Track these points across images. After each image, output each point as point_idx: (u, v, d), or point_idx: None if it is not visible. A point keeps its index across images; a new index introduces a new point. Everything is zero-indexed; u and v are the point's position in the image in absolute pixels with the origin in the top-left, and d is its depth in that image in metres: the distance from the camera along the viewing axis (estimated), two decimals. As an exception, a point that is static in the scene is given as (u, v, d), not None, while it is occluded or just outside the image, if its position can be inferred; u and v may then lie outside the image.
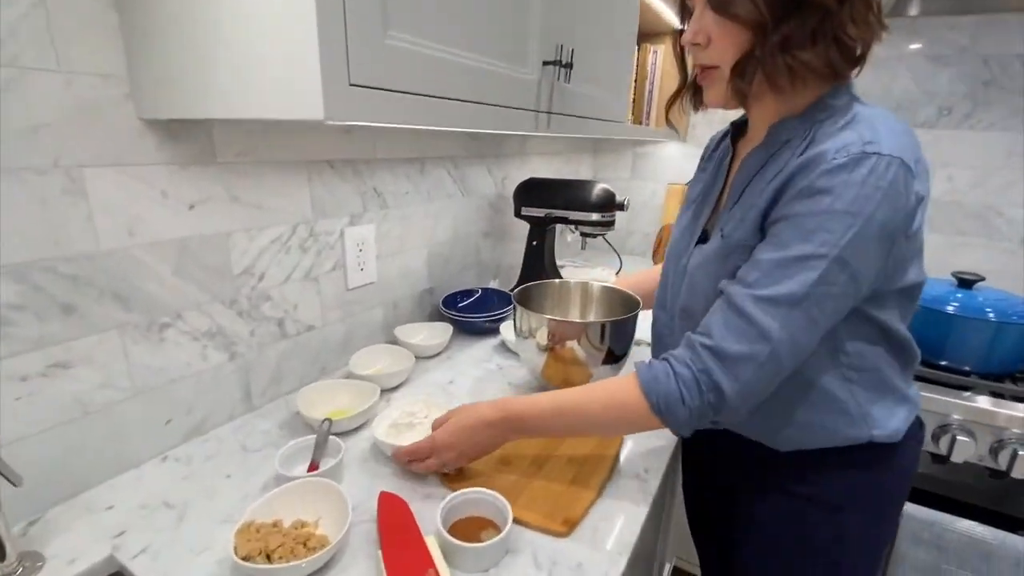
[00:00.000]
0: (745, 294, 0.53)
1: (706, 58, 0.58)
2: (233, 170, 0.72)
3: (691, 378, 0.54)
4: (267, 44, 0.45)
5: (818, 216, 0.50)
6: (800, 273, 0.50)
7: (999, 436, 0.92)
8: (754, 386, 0.53)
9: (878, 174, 0.48)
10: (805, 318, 0.51)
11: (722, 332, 0.53)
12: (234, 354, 0.77)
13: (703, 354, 0.54)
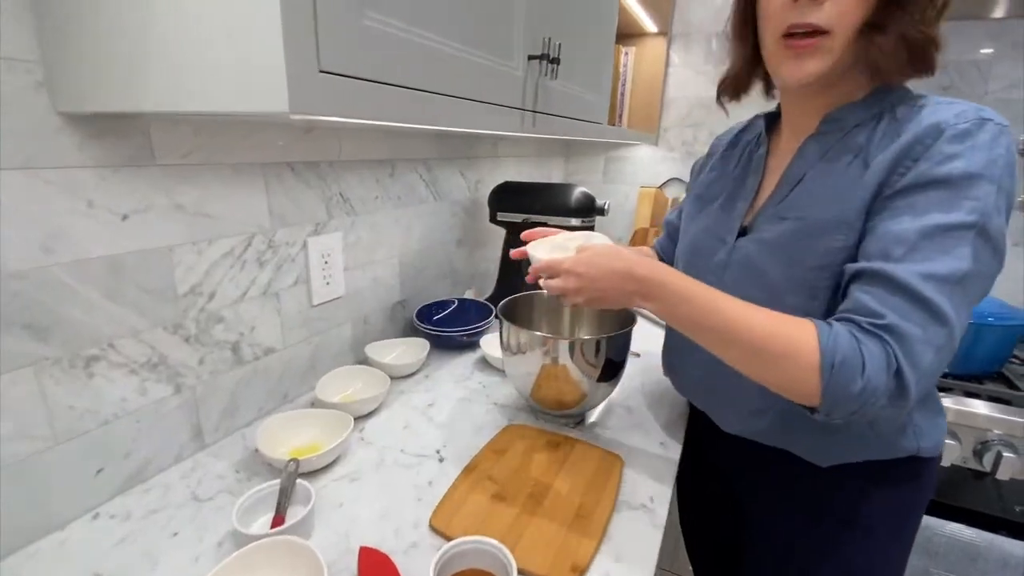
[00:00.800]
0: (908, 270, 0.45)
1: (821, 17, 0.49)
2: (177, 174, 0.62)
3: (879, 352, 0.45)
4: (217, 20, 0.37)
5: (956, 181, 0.46)
6: (956, 246, 0.45)
7: (982, 438, 0.93)
8: (930, 377, 0.47)
9: (998, 139, 0.47)
10: (967, 300, 0.46)
11: (895, 310, 0.45)
12: (180, 386, 0.67)
13: (884, 335, 0.45)
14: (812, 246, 0.54)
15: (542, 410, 0.80)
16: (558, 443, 0.73)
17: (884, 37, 0.49)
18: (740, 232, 0.64)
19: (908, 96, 0.54)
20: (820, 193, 0.55)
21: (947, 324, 0.45)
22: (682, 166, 1.75)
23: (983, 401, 0.95)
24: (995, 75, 1.34)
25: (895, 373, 0.45)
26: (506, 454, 0.70)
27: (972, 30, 1.33)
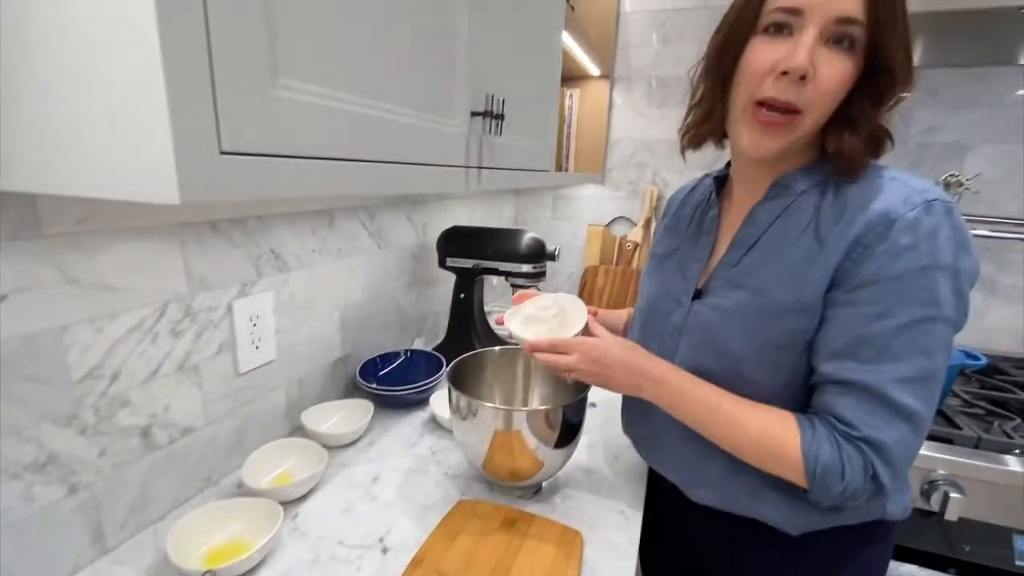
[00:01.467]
0: (880, 377, 0.49)
1: (800, 98, 0.50)
2: (69, 243, 0.54)
3: (857, 461, 0.50)
4: (95, 99, 0.31)
5: (912, 276, 0.48)
6: (921, 340, 0.48)
7: (929, 478, 0.95)
8: (905, 468, 0.52)
9: (943, 222, 0.48)
10: (937, 385, 0.50)
11: (867, 421, 0.50)
12: (75, 486, 0.57)
13: (860, 445, 0.50)
14: (773, 325, 0.54)
15: (496, 482, 0.75)
16: (514, 520, 0.67)
17: (855, 136, 0.51)
18: (696, 294, 0.63)
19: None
20: (776, 268, 0.55)
21: (915, 420, 0.49)
22: (628, 205, 1.77)
23: (927, 440, 0.97)
24: (915, 120, 1.44)
25: (872, 477, 0.50)
26: (457, 539, 0.64)
27: (888, 80, 1.43)
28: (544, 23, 0.95)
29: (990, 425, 1.02)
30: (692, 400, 0.58)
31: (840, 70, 0.49)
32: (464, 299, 1.20)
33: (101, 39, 0.30)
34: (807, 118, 0.51)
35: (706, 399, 0.57)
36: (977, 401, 1.11)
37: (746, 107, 0.54)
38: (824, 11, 0.48)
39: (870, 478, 0.50)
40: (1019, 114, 1.34)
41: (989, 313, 1.45)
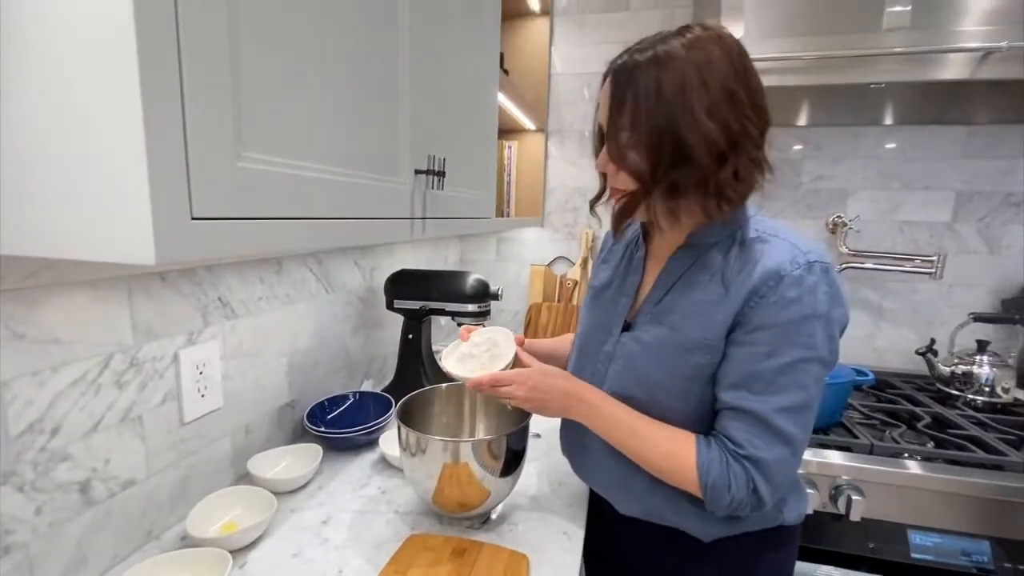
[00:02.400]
0: (765, 406, 0.59)
1: (615, 183, 0.66)
2: (19, 299, 0.55)
3: (742, 477, 0.59)
4: (80, 173, 0.36)
5: (796, 324, 0.58)
6: (800, 377, 0.58)
7: (834, 483, 1.06)
8: (783, 484, 0.61)
9: (822, 279, 0.58)
10: (811, 415, 0.61)
11: (753, 442, 0.59)
12: (8, 547, 0.56)
13: (744, 463, 0.59)
14: (685, 360, 0.63)
15: (445, 514, 0.78)
16: (464, 549, 0.71)
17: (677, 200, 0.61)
18: (625, 326, 0.71)
19: (751, 222, 0.65)
20: (688, 309, 0.64)
21: (792, 443, 0.60)
22: (566, 246, 1.89)
23: (831, 450, 1.09)
24: (805, 171, 1.65)
25: (753, 490, 0.59)
26: (408, 572, 0.66)
27: (785, 135, 1.64)
28: (480, 89, 1.05)
29: (883, 433, 1.16)
30: (612, 421, 0.66)
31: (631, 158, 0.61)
32: (412, 340, 1.23)
33: (88, 124, 0.35)
34: (638, 194, 0.63)
35: (625, 420, 0.65)
36: (873, 413, 1.26)
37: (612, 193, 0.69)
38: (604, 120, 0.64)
39: (752, 491, 0.59)
40: (887, 165, 1.59)
41: (878, 335, 1.65)
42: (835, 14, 1.09)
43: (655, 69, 0.57)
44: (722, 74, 0.57)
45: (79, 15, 0.33)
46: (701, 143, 0.56)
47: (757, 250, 0.61)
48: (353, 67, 0.59)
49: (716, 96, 0.56)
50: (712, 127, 0.56)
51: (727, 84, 0.57)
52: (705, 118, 0.56)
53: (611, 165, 0.64)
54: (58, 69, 0.35)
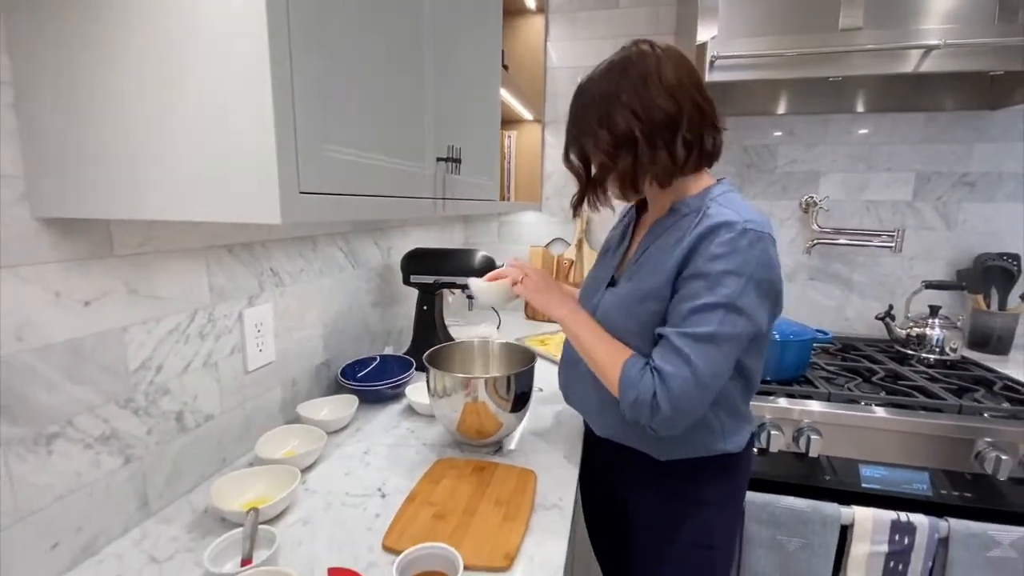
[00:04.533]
0: (673, 332, 0.71)
1: None
2: (132, 262, 0.70)
3: (648, 382, 0.71)
4: (232, 163, 0.50)
5: (718, 275, 0.69)
6: (710, 316, 0.69)
7: (797, 427, 1.22)
8: (681, 400, 0.69)
9: (754, 244, 0.69)
10: (716, 350, 0.69)
11: (660, 358, 0.71)
12: (129, 457, 0.71)
13: (652, 371, 0.72)
14: (641, 308, 0.77)
15: (467, 442, 0.94)
16: (483, 468, 0.87)
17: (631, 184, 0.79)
18: (611, 282, 0.87)
19: (719, 196, 0.77)
20: (649, 266, 0.79)
21: (693, 368, 0.69)
22: (563, 228, 2.04)
23: (795, 399, 1.26)
24: (780, 155, 1.80)
25: (653, 395, 0.70)
26: (440, 482, 0.82)
27: (763, 123, 1.79)
28: (486, 85, 1.19)
29: (841, 385, 1.33)
30: (586, 327, 0.81)
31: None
32: (427, 310, 1.39)
33: (238, 134, 0.50)
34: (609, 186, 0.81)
35: (589, 327, 0.81)
36: (834, 370, 1.43)
37: None
38: None
39: (652, 396, 0.70)
40: (855, 149, 1.74)
41: (848, 305, 1.82)
42: (796, 16, 1.24)
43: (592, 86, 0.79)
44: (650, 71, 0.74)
45: (234, 57, 0.48)
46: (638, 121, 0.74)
47: (711, 217, 0.74)
48: (394, 77, 0.73)
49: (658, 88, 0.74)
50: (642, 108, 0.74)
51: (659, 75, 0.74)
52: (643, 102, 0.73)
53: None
54: (223, 96, 0.49)
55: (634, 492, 0.89)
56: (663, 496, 0.84)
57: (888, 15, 1.22)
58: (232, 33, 0.48)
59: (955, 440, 1.16)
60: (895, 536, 1.15)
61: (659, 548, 0.85)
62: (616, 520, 0.94)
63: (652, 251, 0.81)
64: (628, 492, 0.90)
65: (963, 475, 1.17)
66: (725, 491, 0.86)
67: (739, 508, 0.89)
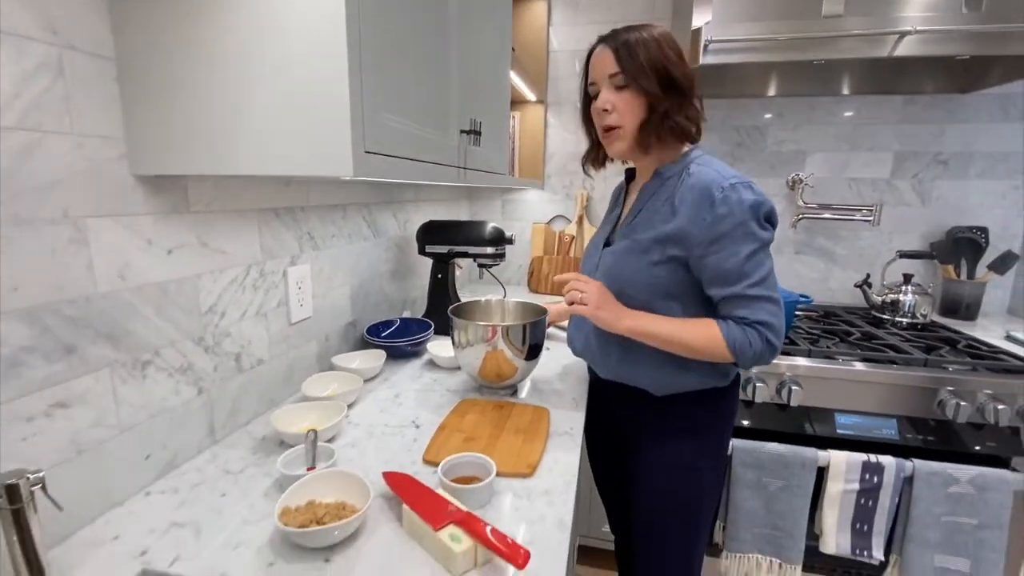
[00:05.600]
0: (743, 287, 0.81)
1: (612, 120, 0.88)
2: (202, 219, 0.80)
3: (757, 337, 0.81)
4: (305, 120, 0.61)
5: (735, 228, 0.80)
6: (759, 261, 0.81)
7: (780, 380, 1.35)
8: (779, 328, 0.83)
9: (743, 193, 0.80)
10: (774, 279, 0.83)
11: (750, 311, 0.82)
12: (201, 389, 0.82)
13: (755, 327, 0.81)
14: (641, 258, 0.88)
15: (487, 385, 1.06)
16: (502, 406, 0.99)
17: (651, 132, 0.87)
18: (607, 243, 0.98)
19: (696, 158, 0.89)
20: (646, 222, 0.90)
21: (775, 301, 0.82)
22: (563, 206, 2.15)
23: (781, 355, 1.38)
24: (770, 135, 1.91)
25: (766, 340, 0.82)
26: (466, 416, 0.94)
27: (754, 105, 1.90)
28: (497, 65, 1.29)
29: (820, 344, 1.46)
30: (660, 324, 0.86)
31: (626, 99, 0.86)
32: (440, 278, 1.49)
33: (323, 106, 0.60)
34: (626, 128, 0.88)
35: (663, 331, 0.86)
36: (815, 331, 1.56)
37: (601, 135, 0.92)
38: (602, 76, 0.88)
39: (766, 341, 0.81)
40: (839, 130, 1.85)
41: (831, 277, 1.95)
42: (784, 2, 1.34)
43: (642, 38, 0.85)
44: (675, 45, 0.86)
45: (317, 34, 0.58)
46: (681, 77, 0.85)
47: (694, 177, 0.85)
48: (428, 54, 0.83)
49: (676, 56, 0.86)
50: (683, 69, 0.85)
51: (678, 51, 0.86)
52: (678, 63, 0.85)
53: (610, 103, 0.87)
54: (306, 69, 0.59)
55: (633, 424, 1.01)
56: (658, 425, 0.96)
57: (866, 4, 1.32)
58: (316, 11, 0.58)
59: (920, 390, 1.29)
60: (866, 475, 1.29)
61: (655, 471, 0.97)
62: (617, 450, 1.07)
63: (644, 212, 0.92)
64: (628, 424, 1.02)
65: (927, 421, 1.31)
66: (711, 420, 0.97)
67: (724, 436, 1.00)
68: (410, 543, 0.63)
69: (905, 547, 1.29)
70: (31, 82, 0.56)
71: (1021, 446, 1.26)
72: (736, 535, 1.38)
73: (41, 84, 0.57)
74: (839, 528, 1.32)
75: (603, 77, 0.88)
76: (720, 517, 1.41)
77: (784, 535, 1.35)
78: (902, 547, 1.30)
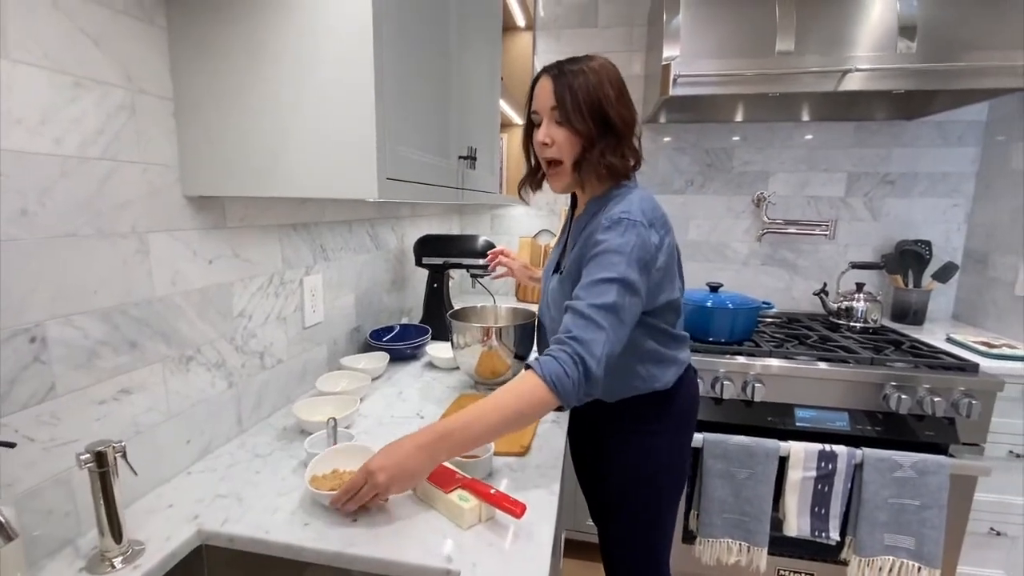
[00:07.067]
0: (583, 304, 0.80)
1: (552, 153, 0.91)
2: (236, 233, 0.92)
3: (567, 358, 0.75)
4: (338, 153, 0.74)
5: (605, 254, 0.82)
6: (608, 289, 0.80)
7: (744, 379, 1.50)
8: (603, 359, 0.77)
9: (629, 230, 0.82)
10: (616, 318, 0.80)
11: (577, 329, 0.78)
12: (232, 383, 0.93)
13: (570, 344, 0.77)
14: (568, 288, 0.95)
15: (482, 382, 1.18)
16: (496, 399, 1.11)
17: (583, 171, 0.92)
18: (556, 269, 1.07)
19: (622, 193, 0.91)
20: (578, 253, 0.95)
21: (603, 329, 0.78)
22: (548, 221, 2.29)
23: (744, 356, 1.53)
24: (736, 157, 2.09)
25: (580, 362, 0.75)
26: (466, 406, 1.06)
27: (723, 129, 2.07)
28: (490, 94, 1.44)
29: (781, 346, 1.61)
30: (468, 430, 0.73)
31: (563, 135, 0.88)
32: (436, 288, 1.62)
33: (353, 143, 0.73)
34: (564, 165, 0.91)
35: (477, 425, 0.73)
36: (777, 335, 1.71)
37: (545, 167, 0.97)
38: (544, 108, 0.90)
39: (579, 363, 0.74)
40: (798, 152, 2.04)
41: (794, 287, 2.12)
42: (743, 41, 1.52)
43: (583, 74, 0.87)
44: (616, 80, 0.90)
45: (350, 98, 0.71)
46: (617, 118, 0.88)
47: (608, 210, 0.87)
48: (433, 92, 0.97)
49: (616, 94, 0.89)
50: (619, 110, 0.89)
51: (619, 87, 0.90)
52: (616, 103, 0.88)
53: (550, 137, 0.88)
54: (337, 115, 0.73)
55: (599, 424, 1.09)
56: (619, 430, 1.05)
57: (815, 42, 1.50)
58: (348, 62, 0.71)
59: (869, 385, 1.45)
60: (821, 463, 1.43)
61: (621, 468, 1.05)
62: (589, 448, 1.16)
63: (578, 244, 0.95)
64: (595, 425, 1.10)
65: (875, 413, 1.46)
66: (666, 420, 1.05)
67: (683, 433, 1.08)
68: (423, 506, 0.74)
69: (858, 527, 1.44)
70: (113, 120, 0.68)
71: (956, 434, 1.43)
72: (709, 521, 1.51)
73: (120, 122, 0.69)
74: (799, 512, 1.46)
75: (545, 109, 0.90)
76: (694, 506, 1.54)
77: (752, 520, 1.48)
78: (855, 528, 1.44)
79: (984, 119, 1.89)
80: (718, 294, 1.66)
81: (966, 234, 1.97)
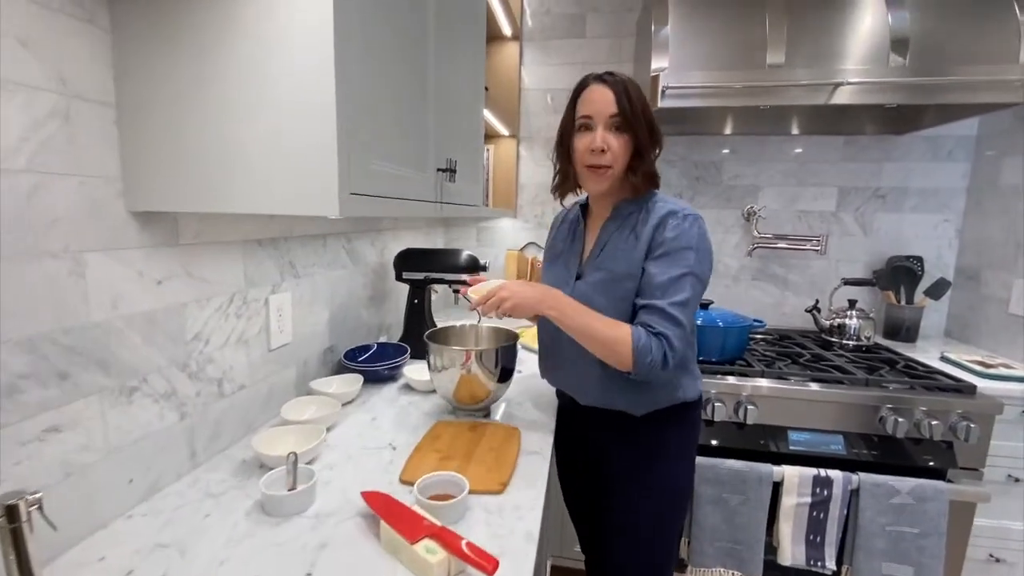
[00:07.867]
0: (663, 302, 0.88)
1: (606, 160, 0.94)
2: (190, 250, 0.84)
3: (656, 344, 0.87)
4: (297, 165, 0.67)
5: (679, 250, 0.90)
6: (683, 284, 0.89)
7: (736, 399, 1.44)
8: (679, 350, 0.88)
9: (694, 224, 0.92)
10: (691, 311, 0.91)
11: (661, 324, 0.88)
12: (184, 414, 0.85)
13: (657, 338, 0.88)
14: (617, 287, 0.95)
15: (461, 407, 1.11)
16: (475, 427, 1.04)
17: (636, 176, 0.95)
18: (577, 276, 1.05)
19: (652, 196, 0.99)
20: (616, 256, 0.97)
21: (682, 326, 0.89)
22: (535, 234, 2.24)
23: (734, 376, 1.48)
24: (725, 170, 2.05)
25: (663, 354, 0.87)
26: (441, 437, 0.99)
27: (712, 142, 2.04)
28: (473, 107, 1.38)
29: (773, 365, 1.56)
30: (572, 311, 0.92)
31: (621, 142, 0.94)
32: (417, 304, 1.55)
33: (314, 157, 0.66)
34: (615, 169, 0.96)
35: (582, 310, 0.92)
36: (769, 354, 1.66)
37: (583, 170, 0.98)
38: (600, 115, 0.93)
39: (663, 354, 0.87)
40: (788, 166, 2.01)
41: (784, 302, 2.08)
42: (733, 53, 1.48)
43: (633, 85, 0.94)
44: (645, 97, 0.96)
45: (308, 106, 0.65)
46: (658, 131, 0.95)
47: (656, 209, 0.96)
48: (408, 103, 0.91)
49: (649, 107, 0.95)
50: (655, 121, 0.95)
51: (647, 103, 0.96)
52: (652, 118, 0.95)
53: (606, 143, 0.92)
54: (297, 122, 0.66)
55: (613, 448, 1.06)
56: (636, 447, 1.02)
57: (806, 55, 1.47)
58: (306, 66, 0.65)
59: (864, 407, 1.40)
60: (816, 489, 1.38)
61: (635, 492, 1.03)
62: (590, 475, 1.12)
63: (611, 244, 0.99)
64: (606, 449, 1.07)
65: (871, 436, 1.41)
66: (683, 440, 1.05)
67: (693, 456, 1.08)
68: (388, 558, 0.67)
69: (855, 556, 1.38)
70: (41, 128, 0.61)
71: (954, 459, 1.38)
72: (700, 550, 1.45)
73: (50, 130, 0.62)
74: (794, 540, 1.40)
75: (603, 116, 0.93)
76: (685, 534, 1.48)
77: (744, 548, 1.42)
78: (852, 556, 1.38)
79: (974, 134, 1.87)
80: (708, 311, 1.61)
81: (957, 250, 1.94)
